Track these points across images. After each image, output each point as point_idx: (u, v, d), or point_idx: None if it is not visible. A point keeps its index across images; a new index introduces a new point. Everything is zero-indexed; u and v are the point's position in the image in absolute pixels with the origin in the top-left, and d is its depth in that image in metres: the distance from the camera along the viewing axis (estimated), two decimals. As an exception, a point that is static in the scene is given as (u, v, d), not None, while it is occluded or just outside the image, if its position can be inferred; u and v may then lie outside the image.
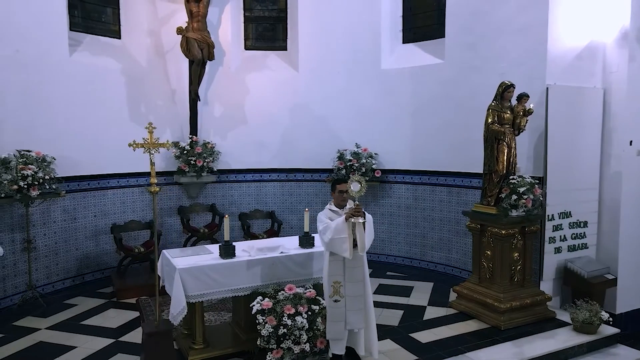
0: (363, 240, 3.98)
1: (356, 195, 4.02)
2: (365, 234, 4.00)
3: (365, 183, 4.09)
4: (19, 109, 5.99)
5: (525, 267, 5.44)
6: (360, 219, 3.95)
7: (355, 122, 7.92)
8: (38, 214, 6.28)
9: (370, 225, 4.10)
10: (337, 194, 4.26)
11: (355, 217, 3.94)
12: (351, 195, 4.06)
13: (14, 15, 5.88)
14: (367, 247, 4.07)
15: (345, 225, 3.97)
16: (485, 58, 6.51)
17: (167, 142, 4.54)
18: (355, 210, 3.96)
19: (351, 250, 4.00)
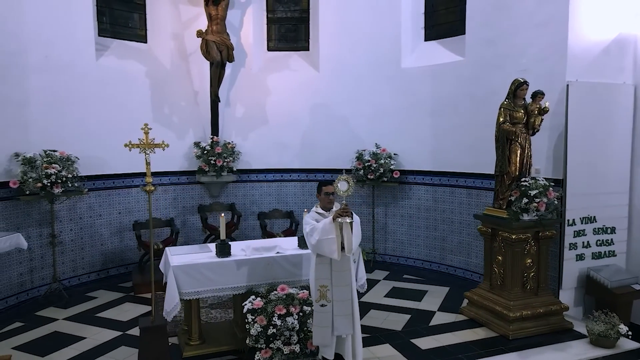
0: (350, 241, 3.91)
1: (344, 195, 3.96)
2: (353, 236, 3.92)
3: (353, 182, 4.02)
4: (47, 111, 6.35)
5: (539, 274, 5.16)
6: (348, 219, 3.88)
7: (375, 122, 7.82)
8: (65, 211, 6.64)
9: (357, 227, 4.02)
10: (323, 196, 4.21)
11: (343, 217, 3.88)
12: (339, 195, 4.00)
13: (43, 24, 6.23)
14: (354, 249, 3.99)
15: (332, 226, 3.91)
16: (505, 54, 6.23)
17: (162, 142, 4.60)
18: (343, 210, 3.90)
19: (339, 251, 3.94)
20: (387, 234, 7.94)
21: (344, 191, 3.96)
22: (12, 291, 5.99)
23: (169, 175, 7.79)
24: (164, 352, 4.21)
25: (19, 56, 6.02)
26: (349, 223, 3.90)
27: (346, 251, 3.94)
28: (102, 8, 7.33)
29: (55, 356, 4.55)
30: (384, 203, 7.92)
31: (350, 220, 3.90)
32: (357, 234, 3.99)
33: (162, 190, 7.75)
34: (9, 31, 5.88)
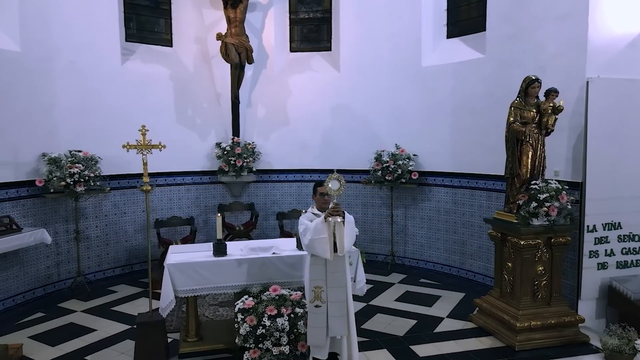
0: (342, 240, 3.85)
1: (335, 194, 3.91)
2: (345, 235, 3.86)
3: (344, 182, 3.97)
4: (74, 114, 6.70)
5: (552, 283, 4.87)
6: (339, 218, 3.84)
7: (396, 122, 7.68)
8: (90, 208, 6.98)
9: (351, 227, 3.95)
10: (318, 197, 4.18)
11: (334, 216, 3.83)
12: (330, 194, 3.95)
13: (69, 32, 6.59)
14: (347, 249, 3.93)
15: (324, 226, 3.87)
16: (525, 51, 5.93)
17: (159, 143, 4.74)
18: (334, 210, 3.85)
19: (332, 251, 3.90)
20: (407, 237, 7.77)
21: (335, 190, 3.92)
22: (39, 283, 6.37)
23: (191, 175, 8.02)
24: (160, 347, 4.33)
25: (46, 62, 6.39)
26: (340, 222, 3.85)
27: (338, 251, 3.89)
28: (130, 14, 7.64)
29: (63, 346, 4.79)
30: (403, 205, 7.76)
31: (342, 220, 3.85)
32: (349, 234, 3.92)
33: (185, 190, 7.99)
34: (37, 39, 6.26)
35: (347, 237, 3.87)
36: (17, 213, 6.03)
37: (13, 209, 5.98)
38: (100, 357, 4.55)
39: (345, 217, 3.90)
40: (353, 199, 8.17)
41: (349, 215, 4.01)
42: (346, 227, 3.86)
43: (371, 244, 8.09)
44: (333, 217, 3.79)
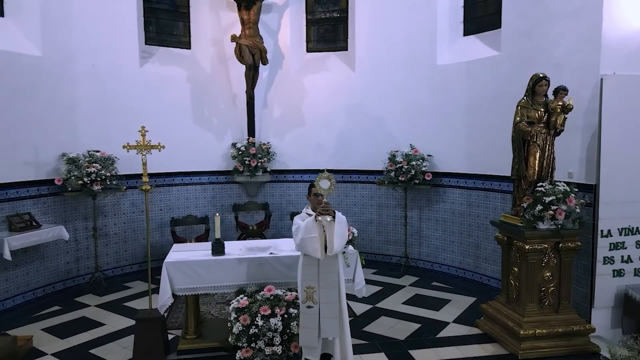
0: (332, 240, 3.83)
1: (325, 193, 3.90)
2: (334, 235, 3.83)
3: (335, 181, 3.95)
4: (94, 115, 6.94)
5: (560, 290, 4.66)
6: (328, 218, 3.82)
7: (410, 122, 7.56)
8: (109, 206, 7.22)
9: (341, 226, 3.91)
10: (312, 197, 4.18)
11: (323, 215, 3.82)
12: (321, 193, 3.94)
13: (90, 36, 6.83)
14: (338, 249, 3.88)
15: (315, 225, 3.87)
16: (540, 47, 5.71)
17: (158, 144, 4.84)
18: (323, 209, 3.84)
19: (322, 251, 3.89)
20: (422, 239, 7.63)
21: (326, 189, 3.91)
22: (59, 277, 6.64)
23: (208, 174, 8.16)
24: (158, 343, 4.43)
25: (68, 65, 6.65)
26: (330, 222, 3.83)
27: (328, 250, 3.86)
28: (149, 18, 7.85)
29: (71, 339, 4.98)
30: (418, 206, 7.62)
31: (331, 219, 3.83)
32: (340, 234, 3.87)
33: (201, 189, 8.14)
34: (59, 43, 6.52)
35: (337, 237, 3.83)
36: (38, 210, 6.31)
37: (34, 206, 6.26)
38: (103, 351, 4.70)
39: (336, 217, 3.87)
40: (368, 199, 8.10)
41: (341, 215, 3.98)
42: (336, 226, 3.83)
43: (385, 245, 8.00)
44: (322, 217, 3.78)
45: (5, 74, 5.90)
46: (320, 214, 3.79)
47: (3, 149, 5.85)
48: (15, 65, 6.02)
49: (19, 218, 5.89)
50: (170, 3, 8.09)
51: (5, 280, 5.91)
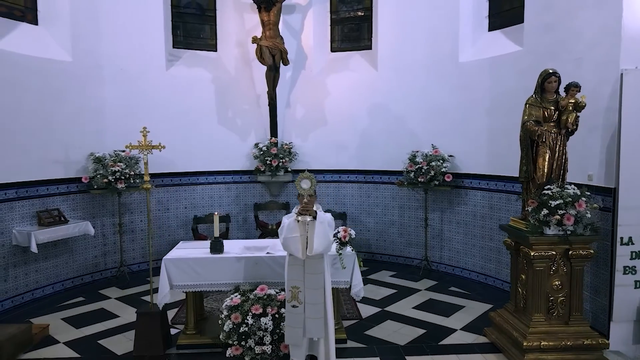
0: (312, 240, 3.81)
1: (305, 193, 3.91)
2: (315, 235, 3.81)
3: (315, 181, 3.96)
4: (121, 116, 7.26)
5: (571, 300, 4.36)
6: (308, 218, 3.81)
7: (433, 121, 7.35)
8: (135, 204, 7.55)
9: (323, 227, 3.87)
10: (300, 198, 4.16)
11: (303, 215, 3.82)
12: (302, 193, 3.95)
13: (117, 41, 7.15)
14: (318, 250, 3.85)
15: (297, 225, 3.89)
16: (562, 41, 5.37)
17: (159, 144, 4.98)
18: (303, 208, 3.84)
19: (304, 250, 3.89)
20: (443, 242, 7.39)
21: (306, 189, 3.92)
22: (87, 270, 7.02)
23: (232, 174, 8.33)
24: (157, 337, 4.58)
25: (96, 69, 7.01)
26: (309, 222, 3.82)
27: (307, 250, 3.85)
28: (177, 22, 8.13)
29: (85, 329, 5.25)
30: (439, 208, 7.40)
31: (309, 219, 3.82)
32: (321, 235, 3.85)
33: (225, 188, 8.32)
34: (88, 49, 6.89)
35: (318, 237, 3.81)
36: (67, 206, 6.70)
37: (63, 203, 6.66)
38: (110, 342, 4.91)
39: (318, 217, 3.84)
40: (390, 200, 7.96)
41: (324, 215, 3.96)
42: (317, 227, 3.81)
43: (407, 247, 7.82)
44: (302, 217, 3.78)
45: (38, 79, 6.30)
46: (300, 213, 3.79)
47: (35, 149, 6.25)
48: (47, 70, 6.42)
49: (47, 213, 6.28)
50: (197, 7, 8.33)
51: (36, 272, 6.32)
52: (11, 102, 5.96)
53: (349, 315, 5.57)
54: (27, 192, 6.18)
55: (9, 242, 5.92)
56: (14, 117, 5.99)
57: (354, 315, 5.57)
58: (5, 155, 5.87)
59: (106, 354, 4.67)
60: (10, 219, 5.97)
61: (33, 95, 6.24)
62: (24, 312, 5.81)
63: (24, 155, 6.12)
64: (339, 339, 4.77)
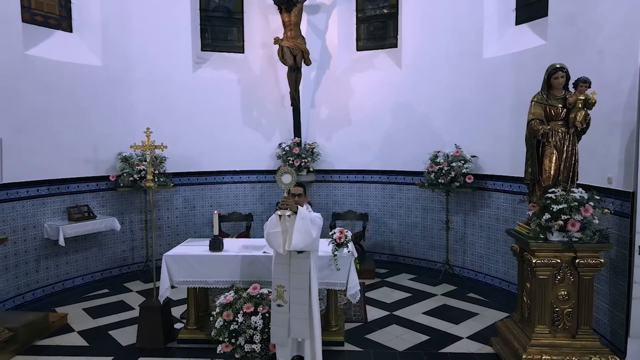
0: (291, 234, 3.80)
1: (286, 188, 3.93)
2: (294, 229, 3.79)
3: (295, 175, 3.96)
4: (149, 117, 7.49)
5: (579, 312, 4.05)
6: (287, 212, 3.81)
7: (456, 120, 7.10)
8: (162, 201, 7.86)
9: (305, 223, 3.82)
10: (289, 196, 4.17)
11: (282, 210, 3.83)
12: (282, 188, 3.97)
13: (147, 45, 7.47)
14: (297, 245, 3.81)
15: (278, 220, 3.91)
16: (584, 33, 5.00)
17: (161, 144, 5.11)
18: (283, 203, 3.85)
19: (284, 246, 3.89)
20: (466, 246, 7.11)
21: (287, 184, 3.95)
22: (115, 264, 7.39)
23: (256, 173, 8.45)
24: (158, 330, 4.74)
25: (125, 73, 7.36)
26: (288, 216, 3.84)
27: (286, 245, 3.84)
28: (205, 26, 8.37)
29: (100, 320, 5.54)
30: (462, 210, 7.12)
31: (288, 214, 3.82)
32: (302, 230, 3.80)
33: (250, 187, 8.46)
34: (118, 53, 7.25)
35: (298, 232, 3.78)
36: (97, 203, 7.09)
37: (93, 200, 7.05)
38: (119, 333, 5.14)
39: (299, 213, 3.82)
40: (413, 202, 7.76)
41: (307, 212, 3.93)
42: (298, 222, 3.79)
43: (430, 250, 7.60)
44: (282, 211, 3.79)
45: (70, 83, 6.71)
46: (280, 208, 3.79)
47: (66, 148, 6.67)
48: (79, 74, 6.82)
49: (77, 209, 6.68)
50: (225, 10, 8.53)
51: (66, 264, 6.74)
52: (45, 105, 6.38)
53: (354, 318, 5.49)
54: (58, 189, 6.60)
55: (40, 235, 6.35)
56: (48, 119, 6.42)
57: (359, 318, 5.48)
58: (38, 154, 6.29)
59: (112, 344, 4.89)
60: (42, 213, 6.40)
61: (66, 98, 6.65)
62: (52, 301, 6.21)
63: (56, 154, 6.54)
64: (336, 342, 4.75)
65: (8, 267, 5.95)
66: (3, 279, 5.87)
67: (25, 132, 6.13)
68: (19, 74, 6.04)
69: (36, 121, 6.27)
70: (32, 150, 6.20)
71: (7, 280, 5.92)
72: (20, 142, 6.04)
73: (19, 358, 4.56)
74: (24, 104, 6.12)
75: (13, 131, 5.94)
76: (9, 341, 4.58)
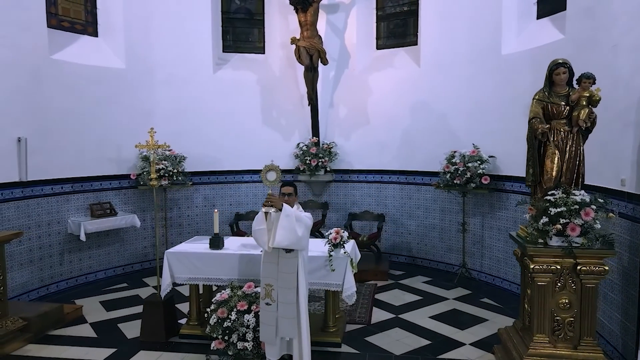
0: (275, 231, 3.81)
1: (269, 185, 3.96)
2: (278, 227, 3.79)
3: (280, 172, 3.97)
4: (171, 117, 7.80)
5: (581, 321, 3.82)
6: (271, 210, 3.83)
7: (475, 119, 6.89)
8: (183, 199, 8.07)
9: (289, 220, 3.83)
10: (280, 196, 4.18)
11: (267, 207, 3.85)
12: (266, 185, 4.00)
13: (167, 48, 7.70)
14: (281, 242, 3.82)
15: (264, 218, 3.94)
16: (601, 26, 4.73)
17: (164, 144, 5.26)
18: (267, 200, 3.87)
19: (269, 243, 3.90)
20: (484, 249, 6.87)
21: (272, 181, 3.97)
22: (137, 259, 7.67)
23: (275, 173, 8.49)
24: (160, 325, 4.88)
25: (147, 75, 7.62)
26: (272, 213, 3.88)
27: (270, 242, 3.85)
28: (227, 28, 8.53)
29: (113, 313, 5.76)
30: (480, 213, 6.89)
31: (273, 211, 3.84)
32: (285, 227, 3.81)
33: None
34: (140, 56, 7.51)
35: (281, 229, 3.79)
36: (119, 200, 7.38)
37: (115, 197, 7.34)
38: (127, 326, 5.32)
39: (284, 210, 3.83)
40: (431, 203, 7.59)
41: (297, 211, 3.92)
42: (282, 219, 3.81)
43: (448, 253, 7.41)
44: (266, 208, 3.81)
45: (95, 85, 7.01)
46: (264, 205, 3.81)
47: (90, 147, 6.97)
48: (103, 77, 7.12)
49: (99, 206, 6.97)
50: (247, 12, 8.65)
51: (89, 258, 7.05)
52: (70, 106, 6.69)
53: (358, 320, 5.43)
54: (82, 187, 6.92)
55: (64, 230, 6.68)
56: (72, 119, 6.73)
57: (362, 320, 5.42)
58: (63, 153, 6.62)
59: (119, 336, 5.07)
60: (66, 210, 6.73)
61: (90, 100, 6.96)
62: (74, 294, 6.51)
63: (80, 153, 6.85)
64: (333, 343, 4.72)
65: (33, 260, 6.29)
66: (28, 271, 6.21)
67: (51, 132, 6.46)
68: (45, 77, 6.37)
69: (61, 122, 6.58)
70: (56, 150, 6.53)
71: (31, 272, 6.26)
72: (45, 141, 6.38)
73: (31, 346, 4.81)
74: (50, 106, 6.44)
75: (39, 131, 6.27)
76: (23, 330, 4.84)
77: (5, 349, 4.61)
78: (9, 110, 5.90)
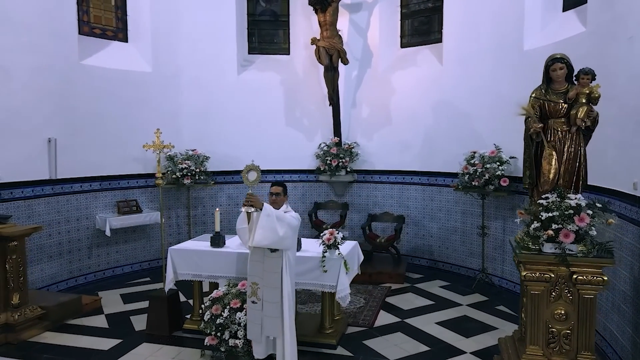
0: (254, 231, 3.85)
1: (250, 185, 4.01)
2: (258, 226, 3.84)
3: (260, 172, 4.00)
4: (196, 119, 8.06)
5: (579, 334, 3.57)
6: (251, 209, 3.88)
7: (497, 118, 6.59)
8: (207, 198, 8.31)
9: (270, 220, 3.87)
10: (268, 195, 4.23)
11: (246, 206, 3.90)
12: (247, 185, 4.06)
13: (194, 52, 7.97)
14: (260, 242, 3.87)
15: (245, 217, 4.03)
16: (619, 17, 4.40)
17: (169, 144, 5.43)
18: (246, 200, 3.92)
19: (249, 242, 3.97)
20: (505, 254, 6.57)
21: (252, 181, 4.03)
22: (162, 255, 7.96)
23: (298, 173, 8.58)
24: (164, 319, 5.06)
25: (173, 78, 7.91)
26: (252, 213, 3.95)
27: (249, 241, 3.91)
28: (252, 30, 8.68)
29: (129, 305, 6.03)
30: (502, 216, 6.59)
31: (252, 210, 3.89)
32: (265, 227, 3.86)
33: (292, 187, 8.57)
34: (166, 60, 7.81)
35: (261, 229, 3.85)
36: (145, 198, 7.71)
37: (142, 195, 7.68)
38: (137, 319, 5.54)
39: (264, 210, 3.86)
40: (453, 205, 7.36)
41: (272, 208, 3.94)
42: (262, 219, 3.85)
43: (469, 257, 7.14)
44: (246, 207, 3.86)
45: (122, 88, 7.37)
46: (244, 205, 3.86)
47: (117, 147, 7.33)
48: (131, 80, 7.47)
49: (125, 203, 7.32)
50: (272, 14, 8.76)
51: (116, 252, 7.42)
52: (99, 109, 7.08)
53: (361, 322, 5.36)
54: (109, 185, 7.30)
55: (92, 225, 7.07)
56: (101, 121, 7.11)
57: (366, 323, 5.34)
58: (91, 153, 7.01)
59: (128, 328, 5.30)
60: (94, 206, 7.12)
61: (117, 102, 7.32)
62: (100, 286, 6.87)
63: (107, 153, 7.23)
64: (328, 344, 4.69)
65: (62, 253, 6.70)
66: (57, 263, 6.63)
67: (80, 133, 6.85)
68: (74, 81, 6.76)
69: (90, 123, 6.97)
70: (85, 149, 6.92)
71: (61, 264, 6.68)
72: (75, 142, 6.77)
73: (48, 334, 5.12)
74: (79, 108, 6.84)
75: (69, 132, 6.68)
76: (41, 318, 5.18)
77: (24, 335, 4.94)
78: (40, 112, 6.33)
